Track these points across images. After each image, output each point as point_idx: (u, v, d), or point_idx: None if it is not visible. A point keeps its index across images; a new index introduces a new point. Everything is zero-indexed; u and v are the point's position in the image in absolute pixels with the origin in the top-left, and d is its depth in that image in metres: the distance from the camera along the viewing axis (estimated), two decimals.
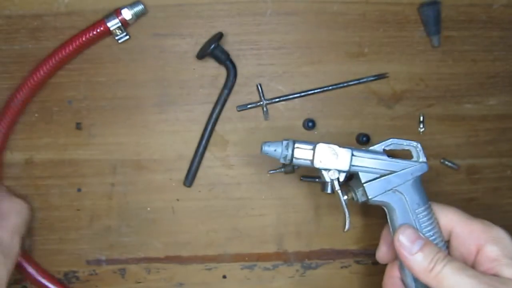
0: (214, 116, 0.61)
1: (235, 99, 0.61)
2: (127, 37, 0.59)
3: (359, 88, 0.62)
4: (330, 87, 0.61)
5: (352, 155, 0.52)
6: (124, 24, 0.58)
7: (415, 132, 0.62)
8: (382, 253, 0.56)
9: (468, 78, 0.62)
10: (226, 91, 0.60)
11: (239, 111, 0.61)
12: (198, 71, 0.61)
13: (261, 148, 0.52)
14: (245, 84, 0.61)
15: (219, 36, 0.59)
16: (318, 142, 0.52)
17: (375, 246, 0.64)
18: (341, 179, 0.52)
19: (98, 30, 0.57)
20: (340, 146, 0.52)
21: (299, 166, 0.54)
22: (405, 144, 0.54)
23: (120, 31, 0.58)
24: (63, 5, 0.59)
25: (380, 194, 0.52)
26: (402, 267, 0.52)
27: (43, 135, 0.60)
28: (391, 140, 0.53)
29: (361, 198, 0.53)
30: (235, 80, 0.61)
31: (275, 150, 0.52)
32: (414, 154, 0.54)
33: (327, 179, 0.52)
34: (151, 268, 0.63)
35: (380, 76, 0.61)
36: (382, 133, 0.62)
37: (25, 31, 0.59)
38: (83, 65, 0.60)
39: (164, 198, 0.62)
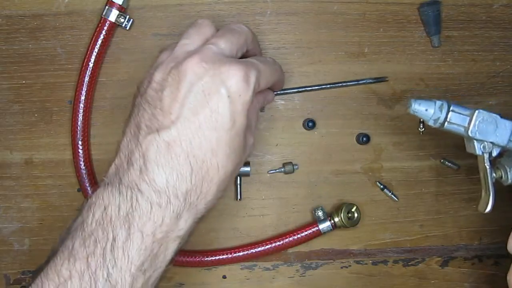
0: None
1: None
2: (132, 20, 0.59)
3: (359, 88, 0.62)
4: (328, 85, 0.61)
5: None
6: (122, 10, 0.58)
7: (415, 132, 0.62)
8: None
9: (468, 78, 0.62)
10: None
11: None
12: None
13: (410, 105, 0.47)
14: None
15: None
16: (477, 108, 0.47)
17: (375, 246, 0.64)
18: (494, 154, 0.47)
19: (106, 28, 0.57)
20: (502, 116, 0.47)
21: (449, 132, 0.49)
22: None
23: (123, 18, 0.58)
24: (62, 5, 0.59)
25: None
26: None
27: (43, 135, 0.60)
28: None
29: None
30: None
31: (426, 110, 0.47)
32: None
33: (478, 152, 0.47)
34: None
35: (379, 80, 0.61)
36: (382, 133, 0.62)
37: (25, 31, 0.59)
38: None
39: None
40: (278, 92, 0.60)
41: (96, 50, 0.58)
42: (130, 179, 0.43)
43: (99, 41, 0.58)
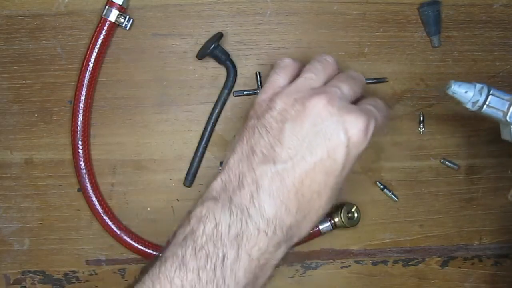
0: (214, 116, 0.61)
1: (235, 99, 0.61)
2: (132, 20, 0.59)
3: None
4: None
5: None
6: (122, 10, 0.58)
7: (415, 132, 0.62)
8: None
9: (468, 78, 0.62)
10: (226, 91, 0.60)
11: (235, 96, 0.61)
12: (198, 71, 0.61)
13: (449, 86, 0.48)
14: (245, 84, 0.61)
15: (219, 36, 0.59)
16: None
17: (375, 246, 0.64)
18: None
19: (106, 28, 0.57)
20: None
21: (486, 116, 0.49)
22: None
23: (123, 18, 0.58)
24: (62, 5, 0.59)
25: None
26: None
27: (43, 135, 0.60)
28: None
29: None
30: (235, 80, 0.60)
31: (465, 92, 0.47)
32: None
33: None
34: None
35: (379, 80, 0.61)
36: (382, 133, 0.62)
37: (25, 31, 0.59)
38: None
39: (164, 198, 0.62)
40: None
41: (96, 50, 0.58)
42: (240, 201, 0.44)
43: (99, 41, 0.58)
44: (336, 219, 0.60)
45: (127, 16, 0.58)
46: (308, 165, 0.44)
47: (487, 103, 0.48)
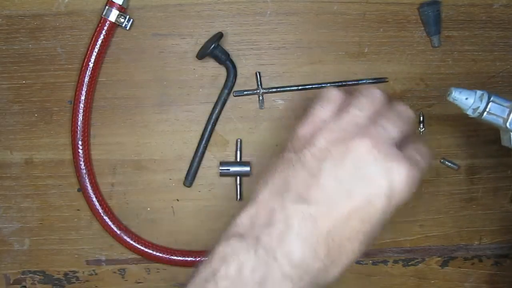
0: (214, 116, 0.61)
1: (235, 99, 0.61)
2: (132, 20, 0.59)
3: (359, 88, 0.62)
4: (328, 84, 0.61)
5: None
6: (122, 10, 0.58)
7: (415, 132, 0.62)
8: None
9: (468, 78, 0.62)
10: (226, 91, 0.60)
11: (235, 96, 0.61)
12: (198, 71, 0.61)
13: (450, 93, 0.48)
14: (245, 84, 0.61)
15: (219, 36, 0.59)
16: None
17: (375, 246, 0.64)
18: None
19: (106, 28, 0.57)
20: None
21: (486, 122, 0.49)
22: None
23: (123, 18, 0.58)
24: (62, 5, 0.59)
25: None
26: None
27: (43, 135, 0.60)
28: None
29: None
30: (235, 80, 0.61)
31: (466, 99, 0.48)
32: None
33: None
34: (151, 268, 0.63)
35: (379, 80, 0.61)
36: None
37: (25, 31, 0.59)
38: None
39: (164, 198, 0.62)
40: (278, 90, 0.60)
41: (96, 50, 0.58)
42: (268, 242, 0.41)
43: (99, 41, 0.58)
44: None
45: (127, 16, 0.58)
46: (343, 209, 0.41)
47: (487, 110, 0.48)
